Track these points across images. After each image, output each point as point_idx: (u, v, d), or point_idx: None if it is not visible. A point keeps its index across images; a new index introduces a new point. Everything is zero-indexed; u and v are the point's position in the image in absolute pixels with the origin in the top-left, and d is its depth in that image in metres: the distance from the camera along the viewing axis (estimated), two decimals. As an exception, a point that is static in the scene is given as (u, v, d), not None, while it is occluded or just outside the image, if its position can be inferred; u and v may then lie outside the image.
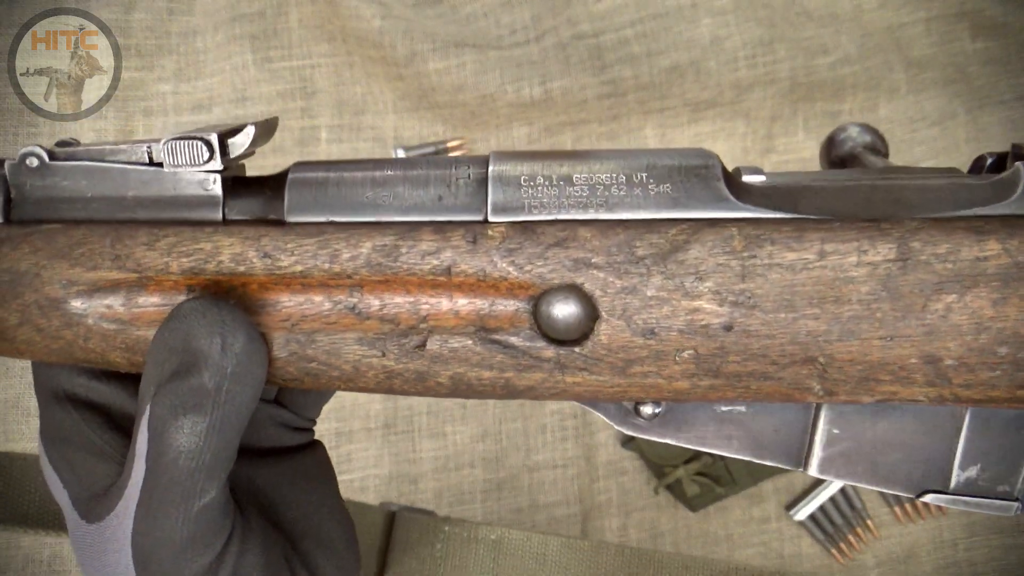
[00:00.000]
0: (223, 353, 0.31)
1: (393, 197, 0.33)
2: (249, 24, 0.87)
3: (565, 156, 0.34)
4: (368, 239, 0.33)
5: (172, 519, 0.31)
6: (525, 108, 0.87)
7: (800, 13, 0.88)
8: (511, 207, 0.33)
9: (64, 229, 0.34)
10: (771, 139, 0.89)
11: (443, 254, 0.32)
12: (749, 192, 0.33)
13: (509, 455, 0.86)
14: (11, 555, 0.80)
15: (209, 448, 0.31)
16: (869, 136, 0.48)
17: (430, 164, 0.34)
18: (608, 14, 0.87)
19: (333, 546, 0.38)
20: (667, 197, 0.32)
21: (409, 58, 0.85)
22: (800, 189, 0.33)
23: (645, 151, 0.34)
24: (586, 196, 0.32)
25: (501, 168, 0.33)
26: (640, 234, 0.32)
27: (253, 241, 0.33)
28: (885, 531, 0.86)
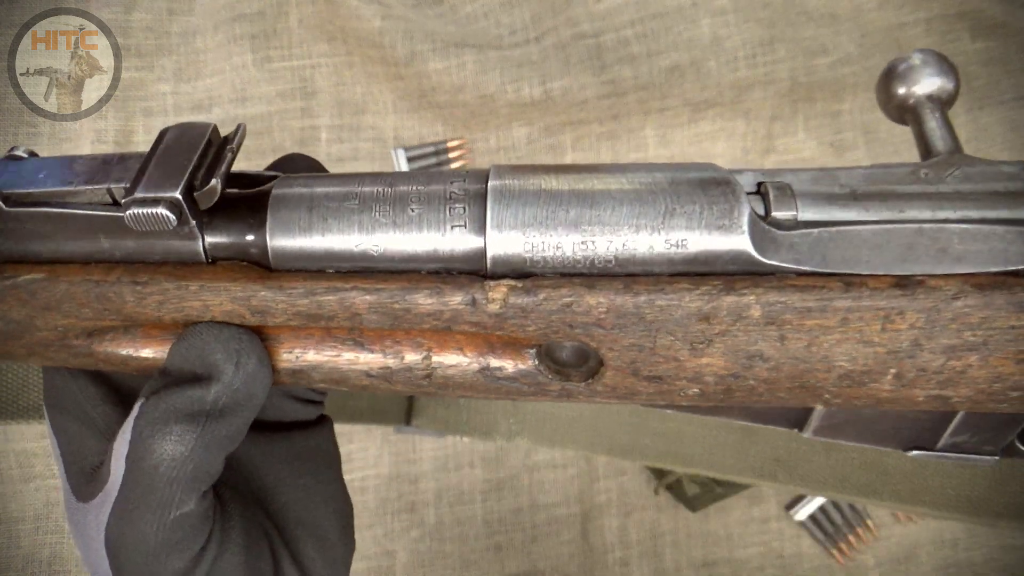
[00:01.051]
0: (236, 372, 0.31)
1: (384, 247, 0.31)
2: (249, 24, 0.87)
3: (572, 198, 0.30)
4: (361, 299, 0.31)
5: (146, 524, 0.31)
6: (525, 108, 0.86)
7: (800, 13, 0.88)
8: (512, 263, 0.30)
9: (44, 283, 0.32)
10: (771, 139, 0.89)
11: (442, 315, 0.31)
12: (775, 243, 0.29)
13: (509, 455, 0.86)
14: (11, 555, 0.80)
15: (193, 460, 0.31)
16: (938, 80, 0.35)
17: (421, 202, 0.31)
18: (608, 14, 0.87)
19: (325, 535, 0.38)
20: (684, 259, 0.29)
21: (409, 58, 0.85)
22: (833, 237, 0.29)
23: (663, 190, 0.30)
24: (594, 258, 0.30)
25: (501, 216, 0.30)
26: (652, 299, 0.29)
27: (243, 301, 0.32)
28: (885, 531, 0.86)
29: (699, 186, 0.30)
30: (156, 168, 0.30)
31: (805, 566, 0.86)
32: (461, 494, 0.86)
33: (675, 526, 0.86)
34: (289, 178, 0.33)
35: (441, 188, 0.31)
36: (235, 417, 0.32)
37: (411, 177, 0.32)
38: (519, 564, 0.85)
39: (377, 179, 0.32)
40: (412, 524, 0.85)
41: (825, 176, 0.31)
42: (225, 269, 0.32)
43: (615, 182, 0.30)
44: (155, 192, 0.29)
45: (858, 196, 0.30)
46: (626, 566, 0.85)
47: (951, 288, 0.28)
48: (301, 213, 0.31)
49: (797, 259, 0.29)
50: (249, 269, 0.32)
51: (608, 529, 0.86)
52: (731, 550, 0.86)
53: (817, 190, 0.31)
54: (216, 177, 0.30)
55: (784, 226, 0.30)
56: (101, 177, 0.31)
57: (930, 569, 0.85)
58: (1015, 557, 0.85)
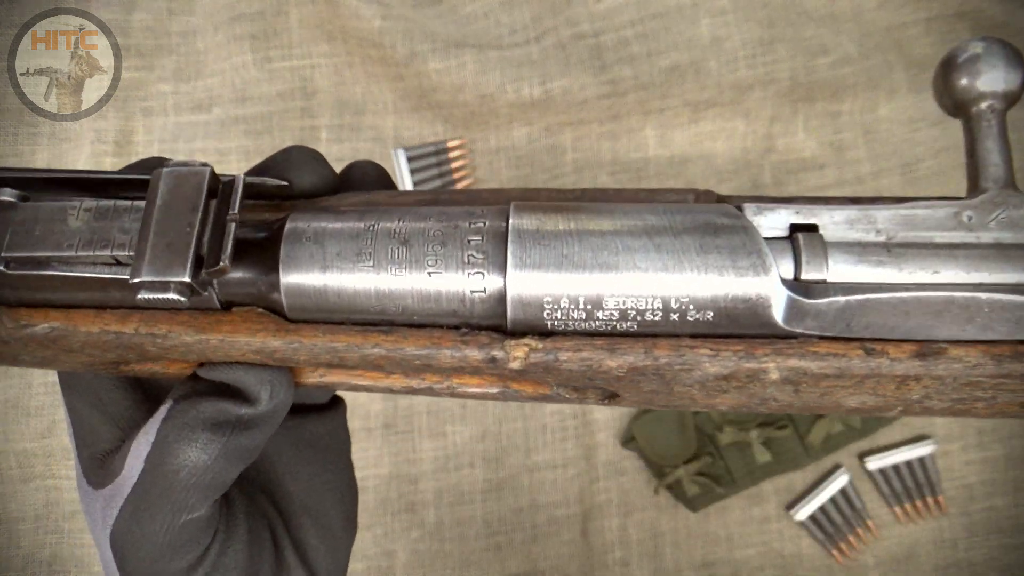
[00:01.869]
0: (269, 400, 0.32)
1: (401, 310, 0.31)
2: (249, 24, 0.87)
3: (595, 265, 0.29)
4: (382, 354, 0.31)
5: (155, 525, 0.31)
6: (525, 108, 0.86)
7: (800, 13, 0.88)
8: (533, 323, 0.30)
9: (62, 331, 0.32)
10: (771, 139, 0.89)
11: (463, 369, 0.31)
12: (802, 313, 0.29)
13: (509, 455, 0.86)
14: (11, 555, 0.80)
15: (213, 469, 0.31)
16: (1001, 75, 0.31)
17: (438, 263, 0.30)
18: (608, 14, 0.87)
19: (329, 523, 0.38)
20: (707, 324, 0.29)
21: (409, 58, 0.85)
22: (861, 304, 0.29)
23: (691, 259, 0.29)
24: (615, 321, 0.29)
25: (520, 289, 0.29)
26: (671, 364, 0.29)
27: (264, 354, 0.31)
28: (885, 531, 0.86)
29: (729, 255, 0.29)
30: (158, 238, 0.29)
31: (805, 566, 0.86)
32: (461, 494, 0.86)
33: (675, 526, 0.86)
34: (297, 229, 0.31)
35: (459, 250, 0.30)
36: (259, 432, 0.32)
37: (425, 228, 0.30)
38: (519, 564, 0.85)
39: (390, 225, 0.31)
40: (412, 524, 0.85)
41: (862, 218, 0.30)
42: (243, 319, 0.32)
43: (639, 243, 0.29)
44: (163, 275, 0.29)
45: (892, 248, 0.30)
46: (626, 566, 0.85)
47: (971, 359, 0.29)
48: (314, 273, 0.30)
49: (822, 327, 0.29)
50: (267, 319, 0.32)
51: (608, 529, 0.86)
52: (731, 550, 0.86)
53: (851, 238, 0.30)
54: (223, 257, 0.29)
55: (812, 292, 0.29)
56: (101, 239, 0.30)
57: (930, 569, 0.85)
58: (1015, 557, 0.85)
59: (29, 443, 0.81)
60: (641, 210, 0.30)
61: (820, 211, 0.30)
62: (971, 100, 0.31)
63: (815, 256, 0.29)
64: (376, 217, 0.31)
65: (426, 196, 0.33)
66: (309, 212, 0.32)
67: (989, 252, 0.29)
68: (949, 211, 0.30)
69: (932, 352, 0.29)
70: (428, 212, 0.31)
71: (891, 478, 0.85)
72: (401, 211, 0.31)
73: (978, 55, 0.31)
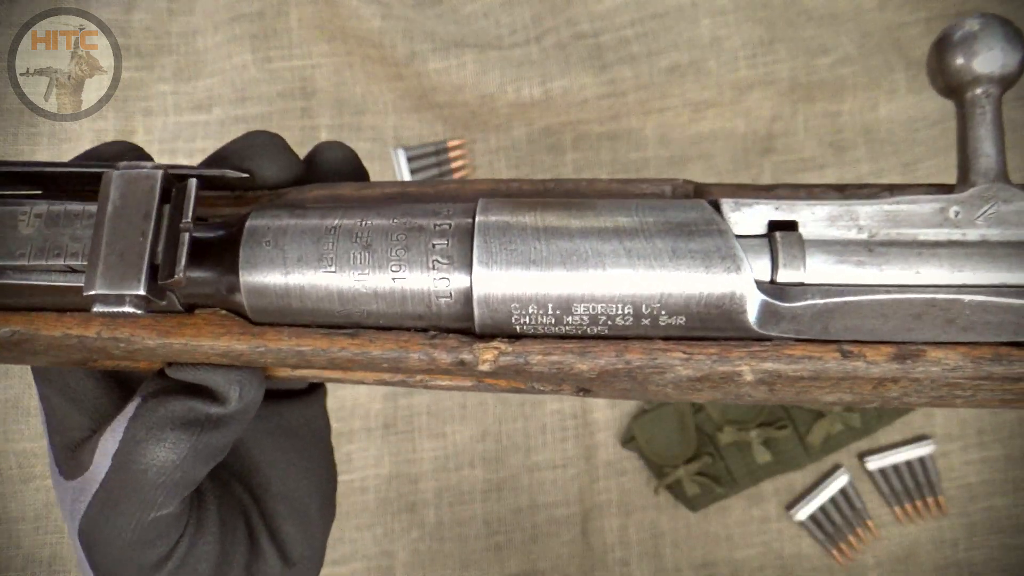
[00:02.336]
0: (239, 400, 0.31)
1: (367, 314, 0.30)
2: (249, 24, 0.87)
3: (563, 273, 0.28)
4: (350, 356, 0.30)
5: (123, 522, 0.31)
6: (525, 108, 0.86)
7: (800, 13, 0.88)
8: (502, 327, 0.29)
9: (24, 335, 0.31)
10: (771, 139, 0.89)
11: (433, 370, 0.30)
12: (777, 316, 0.28)
13: (509, 455, 0.86)
14: (11, 555, 0.80)
15: (182, 468, 0.31)
16: (998, 54, 0.29)
17: (403, 267, 0.29)
18: (608, 14, 0.87)
19: (306, 511, 0.38)
20: (679, 327, 0.29)
21: (409, 58, 0.85)
22: (839, 307, 0.28)
23: (663, 264, 0.28)
24: (586, 325, 0.29)
25: (487, 294, 0.28)
26: (643, 367, 0.29)
27: (231, 356, 0.31)
28: (885, 531, 0.86)
29: (702, 260, 0.28)
30: (110, 248, 0.28)
31: (805, 566, 0.86)
32: (461, 494, 0.86)
33: (675, 526, 0.86)
34: (256, 230, 0.30)
35: (423, 255, 0.29)
36: (229, 431, 0.32)
37: (388, 230, 0.29)
38: (519, 564, 0.85)
39: (353, 227, 0.30)
40: (412, 524, 0.85)
41: (843, 214, 0.29)
42: (207, 322, 0.31)
43: (610, 247, 0.28)
44: (117, 288, 0.28)
45: (874, 247, 0.28)
46: (626, 566, 0.85)
47: (950, 362, 0.28)
48: (276, 277, 0.29)
49: (798, 329, 0.28)
50: (231, 322, 0.31)
51: (608, 529, 0.85)
52: (731, 550, 0.86)
53: (831, 236, 0.29)
54: (178, 270, 0.28)
55: (789, 295, 0.28)
56: (53, 248, 0.29)
57: (930, 569, 0.85)
58: (1015, 557, 0.85)
59: (29, 443, 0.81)
60: (613, 209, 0.29)
61: (800, 207, 0.29)
62: (965, 83, 0.29)
63: (792, 258, 0.28)
64: (339, 217, 0.30)
65: (393, 189, 0.33)
66: (269, 211, 0.31)
67: (974, 251, 0.28)
68: (935, 207, 0.29)
69: (910, 355, 0.28)
70: (392, 212, 0.30)
71: (891, 478, 0.85)
72: (365, 210, 0.30)
73: (974, 33, 0.29)
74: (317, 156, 0.35)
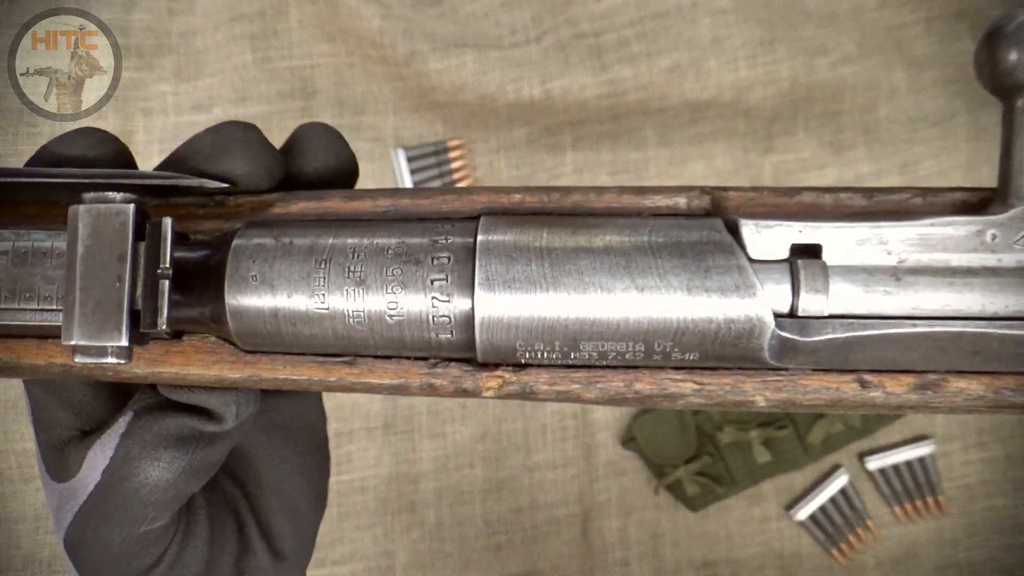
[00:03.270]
0: (236, 418, 0.31)
1: (364, 348, 0.29)
2: (249, 24, 0.87)
3: (571, 312, 0.27)
4: (346, 384, 0.29)
5: (111, 536, 0.30)
6: (525, 108, 0.86)
7: (800, 13, 0.88)
8: (504, 356, 0.28)
9: (7, 365, 0.30)
10: (771, 139, 0.89)
11: (434, 394, 0.30)
12: (795, 351, 0.27)
13: (509, 455, 0.86)
14: (11, 555, 0.80)
15: (175, 487, 0.30)
16: None
17: (401, 311, 0.27)
18: (608, 14, 0.87)
19: (298, 507, 0.37)
20: (692, 362, 0.28)
21: (409, 58, 0.85)
22: (860, 341, 0.26)
23: (679, 300, 0.26)
24: (594, 360, 0.28)
25: (490, 336, 0.27)
26: (653, 396, 0.28)
27: (224, 383, 0.30)
28: (885, 531, 0.86)
29: (719, 299, 0.26)
30: (85, 295, 0.26)
31: (805, 566, 0.86)
32: (461, 494, 0.86)
33: (675, 526, 0.86)
34: (240, 268, 0.28)
35: (422, 292, 0.27)
36: (224, 446, 0.31)
37: (383, 264, 0.28)
38: (519, 564, 0.85)
39: (345, 261, 0.28)
40: (412, 524, 0.85)
41: (873, 237, 0.27)
42: (196, 350, 0.30)
43: (621, 285, 0.27)
44: (97, 339, 0.26)
45: (902, 274, 0.27)
46: (626, 566, 0.85)
47: (972, 392, 0.27)
48: (265, 315, 0.28)
49: (816, 361, 0.27)
50: (222, 350, 0.30)
51: (608, 529, 0.85)
52: (731, 550, 0.86)
53: (857, 262, 0.27)
54: (160, 321, 0.27)
55: (809, 329, 0.26)
56: (24, 290, 0.28)
57: (930, 569, 0.85)
58: (1015, 557, 0.85)
59: (29, 443, 0.81)
60: (624, 240, 0.27)
61: (826, 229, 0.27)
62: (1019, 84, 0.27)
63: (815, 289, 0.26)
64: (328, 247, 0.28)
65: (385, 201, 0.31)
66: (254, 237, 0.29)
67: (1009, 279, 0.26)
68: (971, 229, 0.27)
69: (931, 384, 0.27)
70: (386, 235, 0.28)
71: (891, 478, 0.85)
72: (357, 234, 0.29)
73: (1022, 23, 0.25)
74: (297, 147, 0.32)
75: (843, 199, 0.29)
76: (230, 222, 0.31)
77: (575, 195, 0.30)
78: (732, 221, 0.28)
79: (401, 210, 0.30)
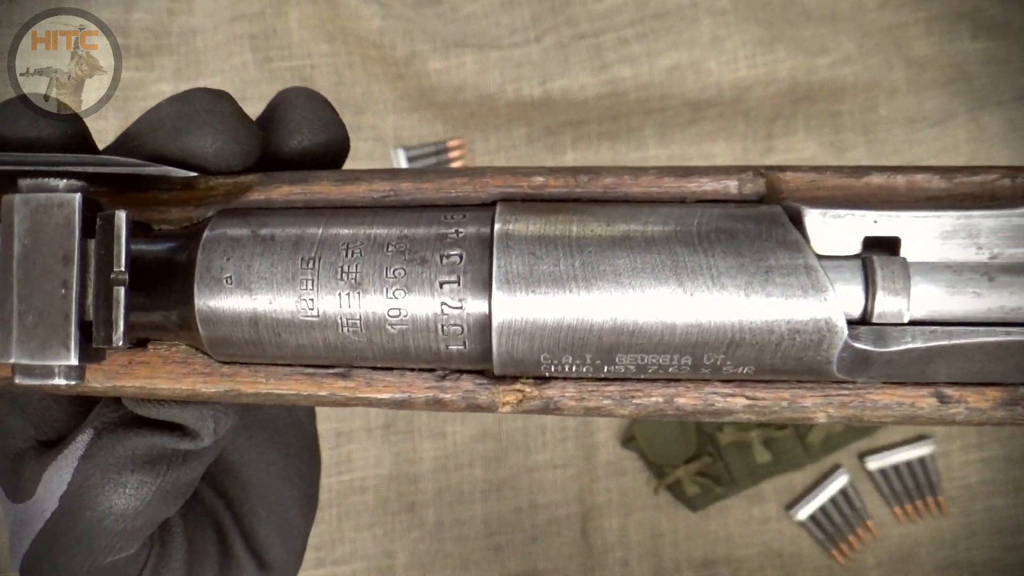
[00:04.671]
0: (214, 434, 0.26)
1: (359, 358, 0.25)
2: (249, 24, 0.87)
3: (607, 325, 0.23)
4: (340, 399, 0.26)
5: (71, 568, 0.26)
6: (525, 108, 0.86)
7: (800, 13, 0.88)
8: (525, 370, 0.24)
9: None
10: (771, 139, 0.89)
11: (441, 408, 0.26)
12: (866, 363, 0.23)
13: (509, 455, 0.86)
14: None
15: (145, 515, 0.26)
16: None
17: (404, 320, 0.23)
18: (608, 14, 0.87)
19: (287, 513, 0.33)
20: (746, 375, 0.24)
21: (409, 58, 0.85)
22: (943, 351, 0.22)
23: (736, 308, 0.22)
24: (632, 373, 0.24)
25: (509, 344, 0.23)
26: (696, 412, 0.24)
27: (198, 400, 0.26)
28: (885, 531, 0.86)
29: (782, 307, 0.22)
30: (25, 305, 0.22)
31: (805, 566, 0.86)
32: (461, 494, 0.86)
33: (675, 526, 0.86)
34: (213, 268, 0.24)
35: (429, 296, 0.23)
36: (201, 464, 0.28)
37: (382, 264, 0.24)
38: (519, 564, 0.85)
39: (336, 259, 0.24)
40: (412, 524, 0.85)
41: (961, 229, 0.23)
42: (164, 360, 0.26)
43: (667, 291, 0.22)
44: (41, 358, 0.22)
45: (995, 273, 0.23)
46: (626, 566, 0.85)
47: None
48: (243, 324, 0.24)
49: (889, 374, 0.23)
50: (194, 360, 0.26)
51: (608, 529, 0.85)
52: (731, 550, 0.86)
53: (943, 258, 0.23)
54: (115, 336, 0.22)
55: (884, 339, 0.22)
56: None
57: (930, 569, 0.85)
58: (1015, 557, 0.85)
59: (29, 443, 0.81)
60: (669, 233, 0.23)
61: (906, 219, 0.23)
62: None
63: (894, 291, 0.22)
64: (317, 241, 0.24)
65: (383, 185, 0.26)
66: (228, 230, 0.25)
67: None
68: None
69: (1019, 398, 0.23)
70: (386, 230, 0.24)
71: (891, 478, 0.85)
72: (350, 226, 0.24)
73: None
74: (278, 119, 0.27)
75: (919, 181, 0.25)
76: (200, 209, 0.26)
77: (606, 177, 0.25)
78: (794, 209, 0.24)
79: (402, 195, 0.26)
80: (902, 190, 0.25)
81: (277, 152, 0.27)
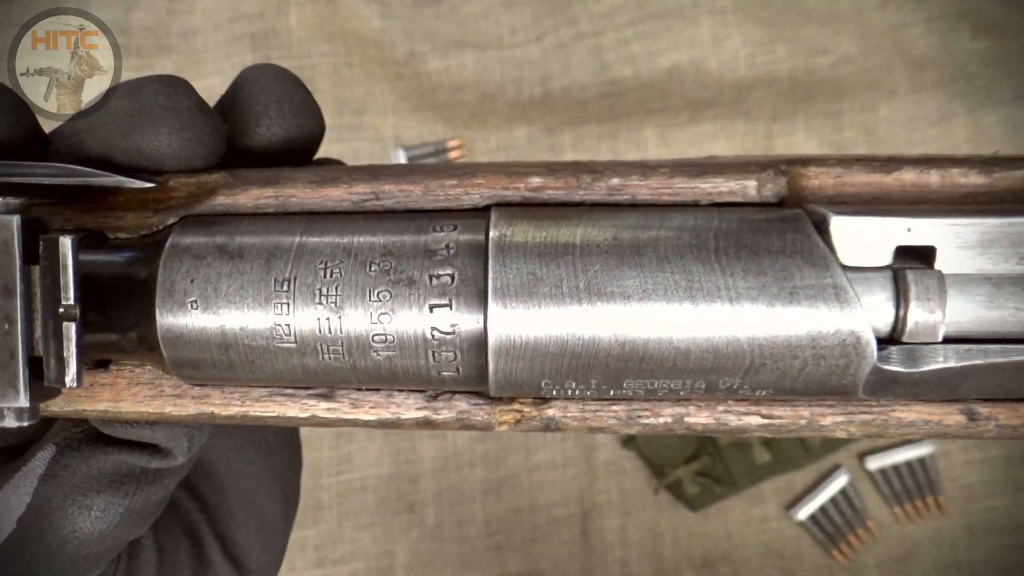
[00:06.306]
0: (187, 452, 0.24)
1: (343, 382, 0.23)
2: (249, 24, 0.87)
3: (614, 346, 0.21)
4: (323, 420, 0.23)
5: None
6: (525, 108, 0.86)
7: (800, 13, 0.88)
8: (524, 392, 0.22)
9: None
10: (771, 139, 0.89)
11: (433, 428, 0.24)
12: (895, 384, 0.21)
13: (509, 455, 0.86)
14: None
15: (112, 538, 0.24)
16: None
17: (391, 346, 0.21)
18: (608, 14, 0.87)
19: (265, 515, 0.32)
20: (763, 397, 0.22)
21: (409, 58, 0.85)
22: (975, 370, 0.21)
23: (754, 332, 0.20)
24: (640, 396, 0.22)
25: (507, 369, 0.21)
26: (708, 430, 0.23)
27: (167, 422, 0.24)
28: (885, 531, 0.86)
29: (807, 331, 0.20)
30: None
31: (805, 566, 0.86)
32: (461, 494, 0.86)
33: (675, 526, 0.86)
34: (176, 290, 0.21)
35: (417, 320, 0.21)
36: (172, 480, 0.25)
37: (364, 284, 0.21)
38: (519, 564, 0.85)
39: (313, 280, 0.21)
40: (412, 524, 0.85)
41: (1002, 237, 0.20)
42: (128, 382, 0.23)
43: (683, 311, 0.20)
44: None
45: None
46: (626, 566, 0.85)
47: None
48: (212, 349, 0.21)
49: (916, 393, 0.22)
50: (160, 380, 0.23)
51: (608, 529, 0.85)
52: (731, 550, 0.86)
53: (982, 272, 0.21)
54: (68, 377, 0.20)
55: (915, 359, 0.21)
56: None
57: (930, 569, 0.85)
58: (1015, 557, 0.85)
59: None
60: (683, 247, 0.21)
61: (941, 227, 0.21)
62: None
63: (928, 309, 0.20)
64: (291, 256, 0.21)
65: (364, 188, 0.23)
66: (192, 246, 0.22)
67: None
68: None
69: None
70: (369, 245, 0.22)
71: (891, 478, 0.85)
72: (330, 237, 0.22)
73: None
74: (243, 105, 0.24)
75: (954, 176, 0.22)
76: (159, 215, 0.23)
77: (611, 177, 0.23)
78: (819, 216, 0.21)
79: (384, 199, 0.23)
80: (936, 187, 0.22)
81: (242, 141, 0.24)
